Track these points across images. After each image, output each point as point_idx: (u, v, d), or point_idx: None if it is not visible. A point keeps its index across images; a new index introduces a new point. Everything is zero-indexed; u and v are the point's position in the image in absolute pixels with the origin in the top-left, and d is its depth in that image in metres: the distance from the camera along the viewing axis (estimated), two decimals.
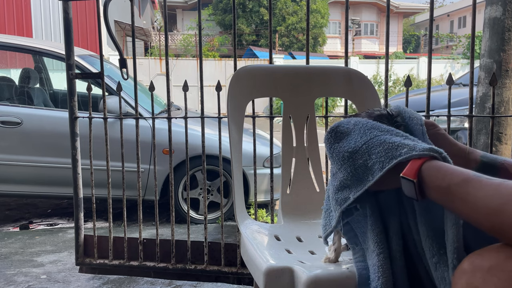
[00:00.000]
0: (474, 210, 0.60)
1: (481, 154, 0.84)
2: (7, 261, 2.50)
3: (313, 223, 1.29)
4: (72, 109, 1.89)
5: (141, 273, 1.97)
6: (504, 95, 2.33)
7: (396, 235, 0.80)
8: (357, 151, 0.78)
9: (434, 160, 0.69)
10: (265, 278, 0.88)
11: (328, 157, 0.85)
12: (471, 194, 0.60)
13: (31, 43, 3.62)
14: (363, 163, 0.77)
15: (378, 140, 0.76)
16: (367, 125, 0.80)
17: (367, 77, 1.39)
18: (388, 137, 0.76)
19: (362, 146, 0.78)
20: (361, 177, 0.77)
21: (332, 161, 0.84)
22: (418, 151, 0.70)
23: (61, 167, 3.29)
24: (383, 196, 0.82)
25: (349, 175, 0.79)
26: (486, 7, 2.39)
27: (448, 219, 0.69)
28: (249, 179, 3.35)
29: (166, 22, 1.83)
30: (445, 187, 0.64)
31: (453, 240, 0.67)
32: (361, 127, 0.81)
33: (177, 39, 22.99)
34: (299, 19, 20.64)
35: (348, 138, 0.81)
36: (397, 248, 0.79)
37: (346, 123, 0.84)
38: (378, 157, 0.74)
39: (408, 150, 0.71)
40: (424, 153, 0.69)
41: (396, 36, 27.53)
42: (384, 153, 0.74)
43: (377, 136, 0.77)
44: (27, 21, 12.83)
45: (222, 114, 1.79)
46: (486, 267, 0.57)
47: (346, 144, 0.81)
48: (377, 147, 0.75)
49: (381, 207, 0.83)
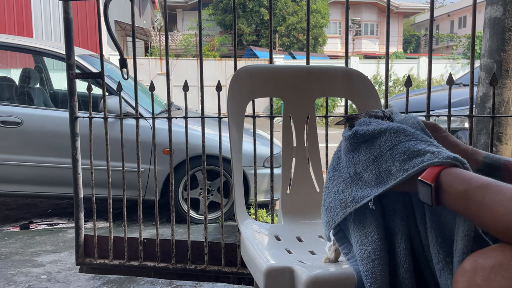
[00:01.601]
0: (491, 213, 0.59)
1: (484, 155, 0.84)
2: (8, 261, 2.50)
3: (313, 223, 1.29)
4: (72, 109, 1.89)
5: (141, 273, 1.97)
6: (505, 95, 2.33)
7: (404, 239, 0.79)
8: (382, 155, 0.79)
9: (454, 167, 0.69)
10: (265, 278, 0.88)
11: (350, 158, 0.85)
12: (489, 197, 0.60)
13: (31, 43, 3.62)
14: (387, 168, 0.78)
15: (403, 147, 0.77)
16: (392, 129, 0.80)
17: (367, 77, 1.39)
18: (412, 144, 0.76)
19: (387, 152, 0.78)
20: (384, 180, 0.78)
21: (354, 163, 0.84)
22: (442, 158, 0.70)
23: (61, 167, 3.29)
24: (390, 199, 0.82)
25: (373, 177, 0.80)
26: (487, 7, 2.39)
27: (460, 230, 0.69)
28: (249, 179, 3.35)
29: (166, 22, 1.83)
30: (462, 191, 0.64)
31: (462, 251, 0.67)
32: (387, 130, 0.81)
33: (177, 39, 23.00)
34: (299, 19, 20.63)
35: (374, 141, 0.82)
36: (406, 252, 0.78)
37: (375, 124, 0.84)
38: (402, 165, 0.75)
39: (432, 156, 0.72)
40: (446, 161, 0.69)
41: (396, 36, 27.52)
42: (408, 161, 0.75)
43: (402, 143, 0.78)
44: (28, 21, 12.83)
45: (222, 114, 1.79)
46: (489, 266, 0.57)
47: (371, 147, 0.82)
48: (402, 155, 0.76)
49: (387, 211, 0.82)
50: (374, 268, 0.77)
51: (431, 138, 0.80)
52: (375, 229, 0.80)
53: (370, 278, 0.76)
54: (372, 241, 0.79)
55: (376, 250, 0.78)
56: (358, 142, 0.84)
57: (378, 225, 0.81)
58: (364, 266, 0.78)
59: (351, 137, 0.85)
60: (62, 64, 3.14)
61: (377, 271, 0.77)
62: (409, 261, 0.78)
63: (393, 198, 0.82)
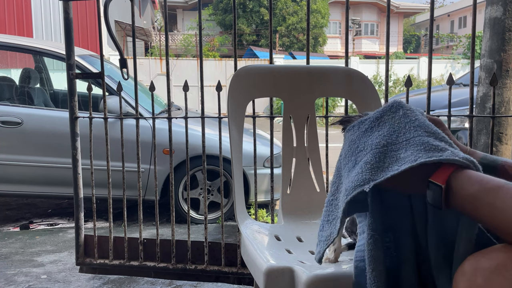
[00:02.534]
0: (502, 215, 0.59)
1: (482, 155, 0.84)
2: (8, 261, 2.50)
3: (314, 223, 1.29)
4: (73, 109, 1.89)
5: (141, 273, 1.97)
6: (505, 95, 2.33)
7: (409, 236, 0.78)
8: (395, 143, 0.75)
9: (465, 169, 0.67)
10: (265, 278, 0.88)
11: (357, 137, 0.81)
12: (500, 200, 0.59)
13: (31, 43, 3.62)
14: (396, 154, 0.74)
15: (421, 140, 0.73)
16: (414, 122, 0.77)
17: (368, 77, 1.39)
18: (432, 140, 0.73)
19: (403, 142, 0.75)
20: (384, 166, 0.73)
21: (360, 143, 0.80)
22: (461, 158, 0.68)
23: (61, 167, 3.29)
24: (394, 199, 0.81)
25: (373, 159, 0.74)
26: (487, 7, 2.39)
27: (463, 235, 0.68)
28: (249, 179, 3.35)
29: (166, 22, 1.83)
30: (473, 193, 0.63)
31: (463, 257, 0.66)
32: (408, 122, 0.77)
33: (178, 39, 23.00)
34: (299, 19, 20.64)
35: (389, 129, 0.77)
36: (410, 248, 0.77)
37: (394, 111, 0.80)
38: (415, 152, 0.71)
39: (451, 154, 0.69)
40: (465, 162, 0.67)
41: (397, 36, 27.53)
42: (424, 152, 0.71)
43: (421, 136, 0.74)
44: (28, 21, 12.83)
45: (222, 114, 1.79)
46: (491, 267, 0.57)
47: (386, 134, 0.77)
48: (418, 146, 0.72)
49: (390, 210, 0.82)
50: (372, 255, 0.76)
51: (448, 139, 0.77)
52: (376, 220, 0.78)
53: (371, 264, 0.75)
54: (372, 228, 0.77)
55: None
56: (368, 128, 0.79)
57: (376, 217, 0.78)
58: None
59: (358, 122, 0.81)
60: (62, 64, 3.14)
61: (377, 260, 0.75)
62: (413, 258, 0.77)
63: (397, 199, 0.81)
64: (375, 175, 0.72)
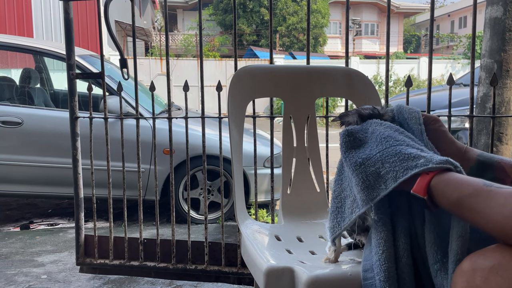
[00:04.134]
0: (486, 219, 0.60)
1: (478, 153, 0.84)
2: (8, 261, 2.50)
3: (314, 223, 1.29)
4: (73, 109, 1.89)
5: (141, 273, 1.97)
6: (505, 95, 2.33)
7: (404, 234, 0.79)
8: (370, 158, 0.78)
9: (444, 173, 0.69)
10: (265, 278, 0.88)
11: (343, 161, 0.85)
12: (482, 204, 0.60)
13: (31, 43, 3.62)
14: (375, 170, 0.77)
15: (394, 150, 0.76)
16: (383, 134, 0.80)
17: (368, 77, 1.39)
18: (404, 148, 0.76)
19: (376, 154, 0.78)
20: (372, 184, 0.77)
21: (346, 166, 0.84)
22: (435, 163, 0.70)
23: (61, 167, 3.29)
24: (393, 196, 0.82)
25: (359, 181, 0.78)
26: (487, 7, 2.39)
27: (455, 232, 0.69)
28: (249, 179, 3.35)
29: (166, 22, 1.83)
30: (454, 200, 0.64)
31: (456, 252, 0.67)
32: (377, 136, 0.81)
33: (178, 39, 22.99)
34: (299, 19, 20.63)
35: (365, 146, 0.82)
36: (404, 247, 0.78)
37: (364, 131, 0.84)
38: (392, 167, 0.74)
39: (425, 161, 0.71)
40: (439, 166, 0.69)
41: (397, 36, 27.52)
42: (399, 163, 0.74)
43: (393, 146, 0.77)
44: (28, 21, 12.83)
45: (222, 114, 1.79)
46: (488, 267, 0.57)
47: (361, 151, 0.81)
48: (392, 157, 0.75)
49: (391, 207, 0.82)
50: (382, 261, 0.78)
51: (422, 144, 0.80)
52: (383, 225, 0.81)
53: (381, 271, 0.77)
54: (380, 236, 0.80)
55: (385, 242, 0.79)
56: (350, 147, 0.83)
57: (385, 222, 0.81)
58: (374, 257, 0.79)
59: (343, 142, 0.85)
60: (62, 64, 3.14)
61: (387, 262, 0.77)
62: (408, 255, 0.78)
63: (395, 194, 0.82)
64: (369, 195, 0.77)
